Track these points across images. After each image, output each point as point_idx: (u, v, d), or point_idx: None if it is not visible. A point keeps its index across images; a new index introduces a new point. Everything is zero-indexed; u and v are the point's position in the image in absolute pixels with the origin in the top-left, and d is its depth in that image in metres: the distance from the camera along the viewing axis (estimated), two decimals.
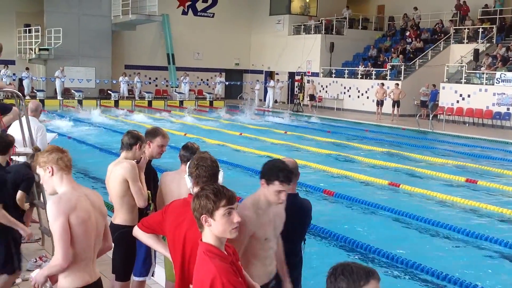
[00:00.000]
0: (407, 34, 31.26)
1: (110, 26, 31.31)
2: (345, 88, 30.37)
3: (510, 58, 24.69)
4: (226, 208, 2.70)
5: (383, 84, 26.21)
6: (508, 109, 23.18)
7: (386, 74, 28.51)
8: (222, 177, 3.45)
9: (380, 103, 25.79)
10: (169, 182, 4.54)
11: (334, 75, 31.49)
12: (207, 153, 3.61)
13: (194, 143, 4.59)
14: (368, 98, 28.77)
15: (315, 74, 32.27)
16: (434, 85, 25.77)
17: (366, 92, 29.06)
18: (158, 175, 5.05)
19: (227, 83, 34.01)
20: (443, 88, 25.63)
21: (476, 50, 25.92)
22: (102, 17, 30.89)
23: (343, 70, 31.24)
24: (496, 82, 23.74)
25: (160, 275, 5.34)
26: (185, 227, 3.29)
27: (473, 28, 28.11)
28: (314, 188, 10.74)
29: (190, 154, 4.28)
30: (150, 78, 33.12)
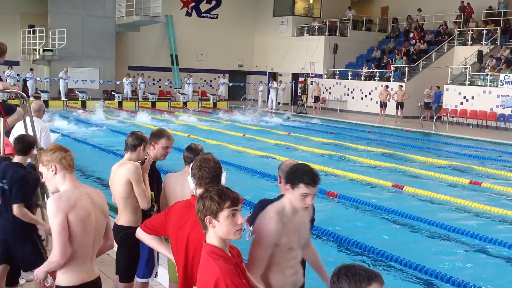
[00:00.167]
0: (411, 35, 31.24)
1: (114, 27, 31.39)
2: (348, 89, 30.34)
3: None
4: (230, 209, 2.70)
5: (388, 86, 26.17)
6: None
7: (390, 76, 28.48)
8: (225, 178, 3.44)
9: (383, 105, 25.78)
10: (173, 183, 4.54)
11: (337, 77, 31.48)
12: (210, 154, 3.60)
13: (198, 144, 4.58)
14: (371, 99, 28.74)
15: (319, 76, 32.27)
16: (438, 86, 25.73)
17: (370, 93, 29.03)
18: (162, 177, 5.04)
19: (231, 85, 34.02)
20: (447, 90, 25.60)
21: (480, 52, 25.89)
22: (106, 18, 30.97)
23: (347, 71, 31.23)
24: (500, 84, 23.69)
25: (163, 276, 5.34)
26: (188, 229, 3.28)
27: (477, 30, 28.08)
28: (318, 189, 10.70)
29: (194, 155, 4.26)
30: (154, 79, 33.18)
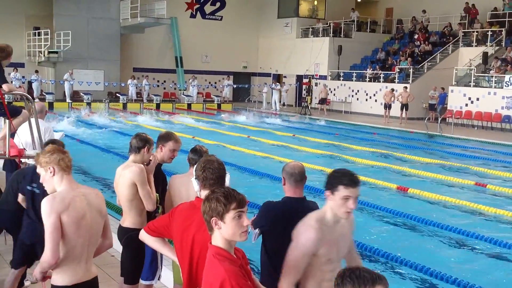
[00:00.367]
0: (416, 37, 31.18)
1: (118, 29, 31.45)
2: (353, 91, 30.31)
3: None
4: (236, 211, 2.70)
5: (393, 89, 26.10)
6: None
7: (394, 77, 28.44)
8: (229, 179, 3.44)
9: (388, 106, 25.73)
10: (178, 185, 4.54)
11: (342, 78, 31.45)
12: (214, 156, 3.60)
13: (203, 146, 4.58)
14: (376, 101, 28.69)
15: (323, 77, 32.25)
16: (442, 88, 25.68)
17: (374, 95, 28.99)
18: (167, 179, 5.04)
19: (235, 86, 34.05)
20: (452, 91, 25.54)
21: (485, 53, 25.83)
22: (111, 20, 31.05)
23: (351, 73, 31.20)
24: (505, 85, 23.61)
25: (168, 278, 5.34)
26: (193, 230, 3.27)
27: (482, 31, 28.01)
28: (322, 191, 10.69)
29: (198, 157, 4.25)
30: (158, 81, 33.25)
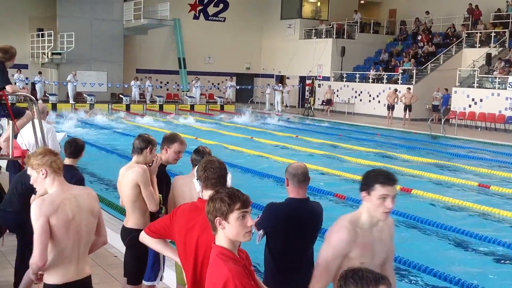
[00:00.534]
0: (419, 38, 31.15)
1: (122, 30, 31.51)
2: (356, 92, 30.29)
3: None
4: (240, 211, 2.70)
5: (396, 89, 26.07)
6: None
7: (398, 78, 28.41)
8: (230, 179, 3.43)
9: (391, 107, 25.70)
10: (181, 186, 4.54)
11: (345, 79, 31.44)
12: (214, 157, 3.61)
13: (206, 147, 4.59)
14: (379, 102, 28.66)
15: (326, 78, 32.23)
16: (446, 89, 25.64)
17: (378, 96, 28.96)
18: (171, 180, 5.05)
19: (238, 87, 34.05)
20: (455, 92, 25.50)
21: (488, 54, 25.77)
22: (114, 21, 31.10)
23: (354, 74, 31.18)
24: (508, 87, 23.56)
25: (170, 279, 5.34)
26: (197, 232, 3.25)
27: (485, 32, 27.96)
28: (325, 192, 10.71)
29: (201, 157, 4.26)
30: (162, 82, 33.28)
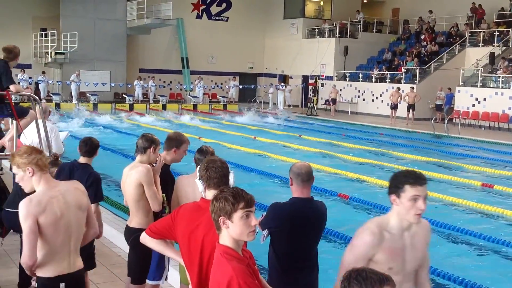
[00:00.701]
0: (422, 37, 31.08)
1: (125, 30, 31.54)
2: (359, 91, 30.25)
3: None
4: (244, 210, 2.70)
5: (399, 88, 26.04)
6: None
7: (401, 78, 28.36)
8: (233, 178, 3.43)
9: (394, 107, 25.66)
10: (184, 185, 4.53)
11: (348, 79, 31.40)
12: (216, 156, 3.61)
13: (209, 147, 4.58)
14: (382, 101, 28.62)
15: (329, 78, 32.20)
16: (449, 88, 25.59)
17: (381, 95, 28.91)
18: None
19: (241, 87, 34.06)
20: (459, 91, 25.45)
21: (492, 54, 25.71)
22: (117, 21, 31.14)
23: (358, 73, 31.14)
24: None
25: (174, 279, 5.34)
26: (201, 233, 3.23)
27: (488, 31, 27.89)
28: (329, 191, 10.70)
29: (205, 157, 4.24)
30: (165, 82, 33.30)
